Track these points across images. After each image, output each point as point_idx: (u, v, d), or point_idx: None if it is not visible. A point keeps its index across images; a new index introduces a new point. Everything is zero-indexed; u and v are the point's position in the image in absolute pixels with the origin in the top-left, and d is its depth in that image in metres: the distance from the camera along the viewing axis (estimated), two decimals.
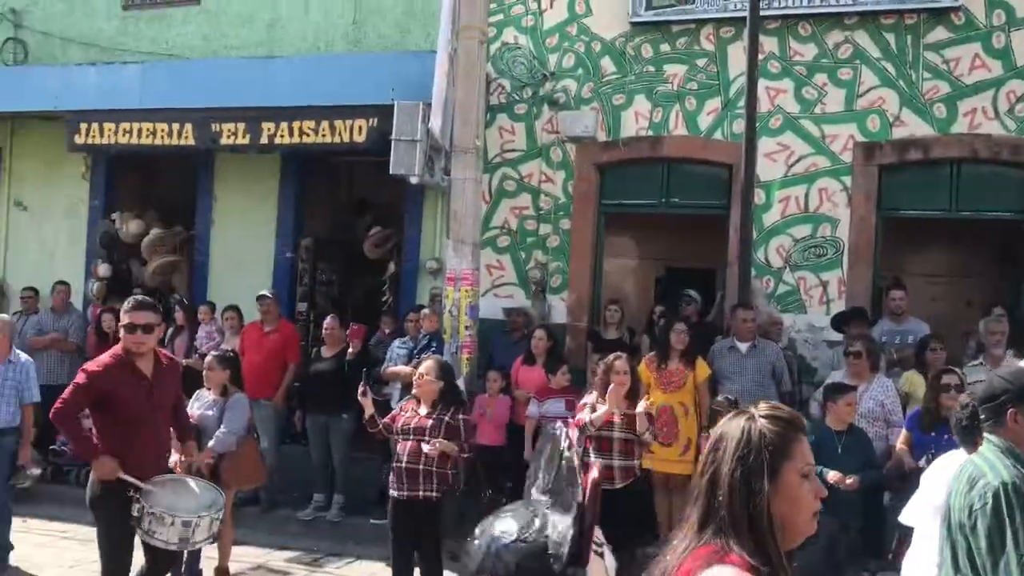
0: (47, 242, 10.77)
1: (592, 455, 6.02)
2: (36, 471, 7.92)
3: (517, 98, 8.99)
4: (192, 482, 5.00)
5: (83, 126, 9.50)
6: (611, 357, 6.15)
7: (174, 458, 5.26)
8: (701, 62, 8.46)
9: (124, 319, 4.83)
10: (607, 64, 8.76)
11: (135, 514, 4.63)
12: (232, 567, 6.43)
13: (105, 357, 4.86)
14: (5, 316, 7.66)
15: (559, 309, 8.84)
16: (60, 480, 8.73)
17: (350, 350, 8.02)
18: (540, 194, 8.93)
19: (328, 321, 8.36)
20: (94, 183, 10.61)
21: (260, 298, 8.55)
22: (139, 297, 5.05)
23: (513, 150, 9.01)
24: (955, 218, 8.14)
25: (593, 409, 6.05)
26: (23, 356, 6.91)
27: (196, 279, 10.27)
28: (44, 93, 9.69)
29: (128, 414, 4.73)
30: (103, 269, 10.32)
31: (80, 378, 4.76)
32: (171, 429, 5.16)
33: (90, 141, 9.54)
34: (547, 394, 7.40)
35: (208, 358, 6.45)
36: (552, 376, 7.46)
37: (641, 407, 5.99)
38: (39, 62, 10.47)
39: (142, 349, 4.80)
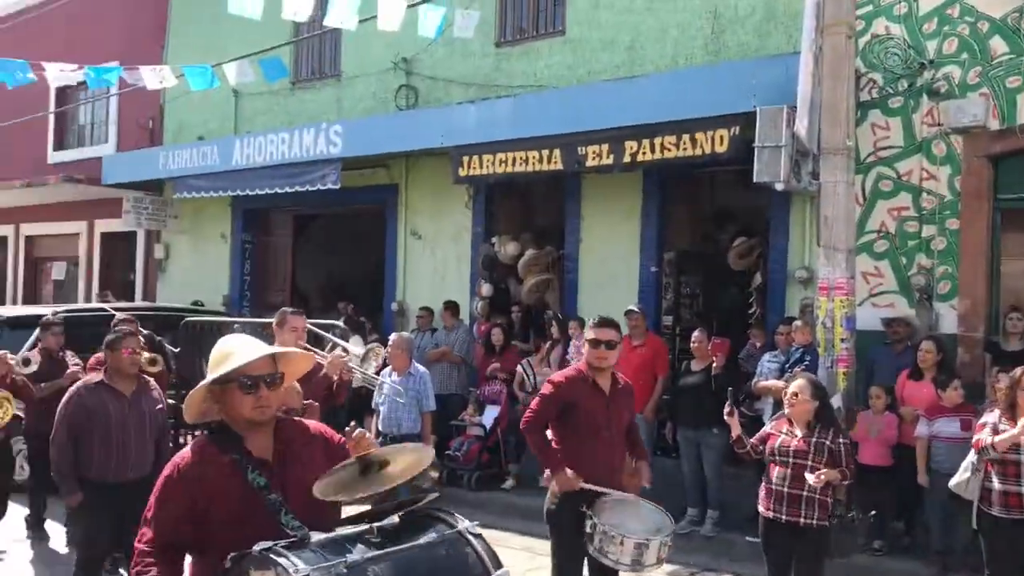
0: (438, 266, 11.87)
1: (995, 481, 5.39)
2: (434, 474, 8.73)
3: (891, 92, 8.37)
4: (643, 504, 4.89)
5: (465, 159, 10.35)
6: (1019, 371, 5.47)
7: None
8: None
9: (589, 334, 4.96)
10: (997, 44, 7.87)
11: (587, 530, 4.62)
12: None
13: (569, 370, 5.09)
14: (405, 334, 8.57)
15: (948, 318, 8.05)
16: (455, 483, 9.52)
17: (714, 364, 7.92)
18: (922, 192, 8.22)
19: (696, 334, 8.33)
20: (475, 211, 11.51)
21: (628, 312, 8.74)
22: (604, 316, 5.07)
23: (888, 147, 8.39)
24: None
25: (995, 430, 5.42)
26: (421, 368, 7.67)
27: (567, 295, 10.74)
28: (431, 132, 10.69)
29: (586, 427, 4.82)
30: (485, 289, 11.17)
31: (546, 389, 4.96)
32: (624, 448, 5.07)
33: (471, 173, 10.37)
34: (938, 412, 6.79)
35: None
36: (943, 392, 6.83)
37: None
38: (427, 104, 11.60)
39: (604, 364, 4.88)
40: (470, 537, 2.75)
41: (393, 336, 8.21)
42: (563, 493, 4.82)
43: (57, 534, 7.68)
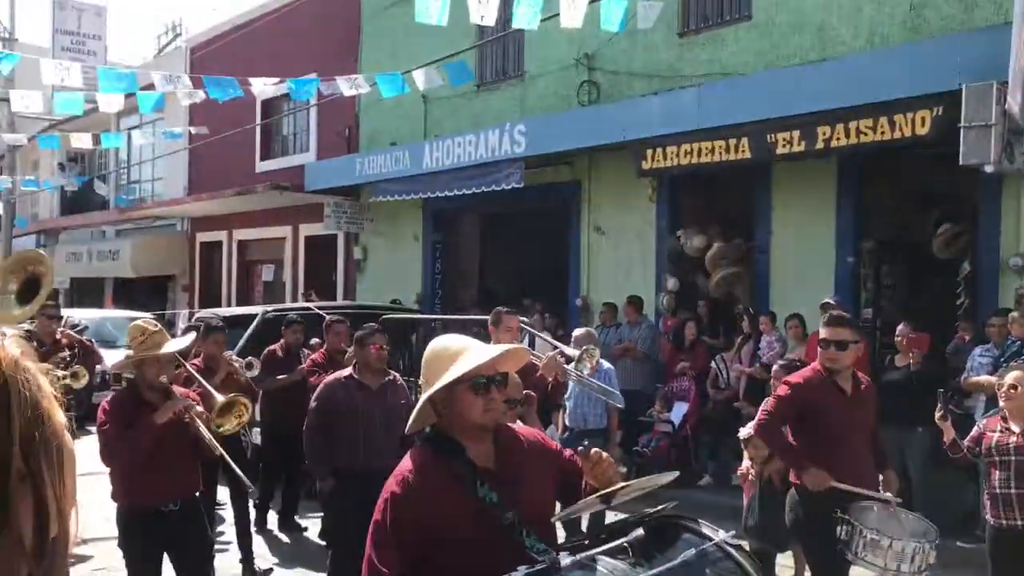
0: (622, 261, 11.84)
1: None
2: (623, 469, 8.73)
3: None
4: (902, 512, 4.61)
5: (648, 152, 10.26)
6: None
7: None
8: None
9: (821, 333, 4.84)
10: None
11: (842, 537, 4.41)
12: None
13: (806, 370, 4.94)
14: (590, 329, 8.60)
15: None
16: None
17: (912, 360, 7.48)
18: None
19: (900, 328, 7.90)
20: (660, 204, 11.40)
21: (823, 306, 8.38)
22: (836, 312, 4.90)
23: None
24: None
25: None
26: (606, 364, 7.66)
27: (758, 289, 10.45)
28: (614, 126, 10.67)
29: (827, 430, 4.65)
30: (671, 283, 11.03)
31: (782, 390, 4.83)
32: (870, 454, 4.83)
33: (655, 166, 10.27)
34: None
35: (775, 368, 6.52)
36: None
37: None
38: (609, 99, 11.59)
39: (835, 365, 4.72)
40: (731, 550, 2.49)
41: (577, 331, 8.25)
42: (811, 496, 4.61)
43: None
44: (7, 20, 24.06)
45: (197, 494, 4.90)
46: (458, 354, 2.58)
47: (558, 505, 2.75)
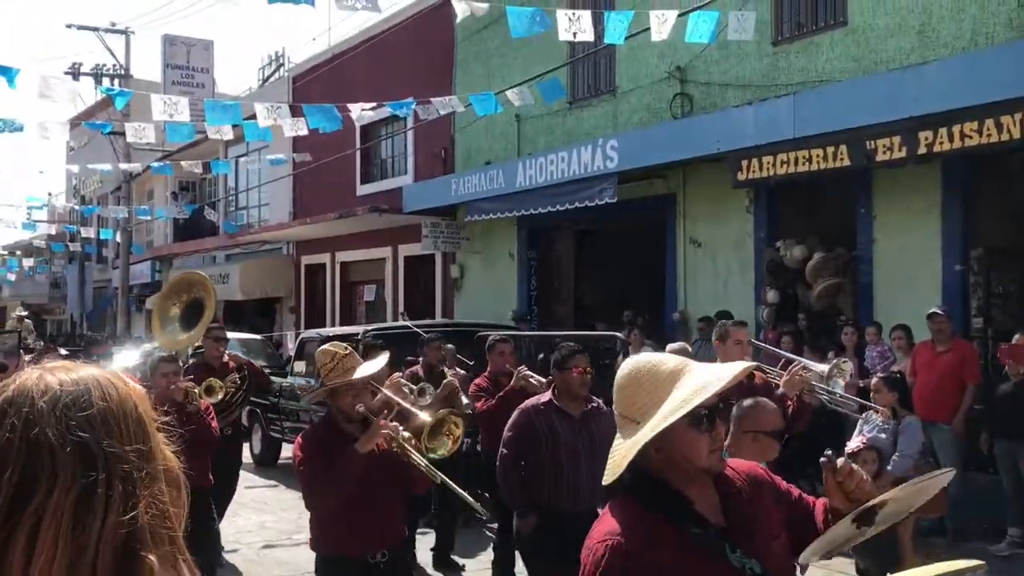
0: (719, 273, 11.69)
1: None
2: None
3: None
4: None
5: (744, 163, 10.13)
6: None
7: None
8: None
9: None
10: None
11: None
12: None
13: None
14: (684, 344, 8.51)
15: None
16: None
17: (1009, 372, 7.16)
18: None
19: (1018, 337, 7.58)
20: (757, 215, 11.22)
21: (931, 316, 8.12)
22: None
23: None
24: None
25: None
26: None
27: (861, 300, 10.17)
28: (708, 138, 10.56)
29: None
30: (771, 295, 10.83)
31: None
32: None
33: (751, 176, 10.12)
34: None
35: (875, 380, 6.35)
36: None
37: None
38: (702, 111, 11.49)
39: None
40: None
41: (671, 346, 8.17)
42: None
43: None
44: (122, 58, 25.38)
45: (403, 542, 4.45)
46: (677, 375, 1.97)
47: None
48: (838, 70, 10.08)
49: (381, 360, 4.48)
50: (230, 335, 17.15)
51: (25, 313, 20.15)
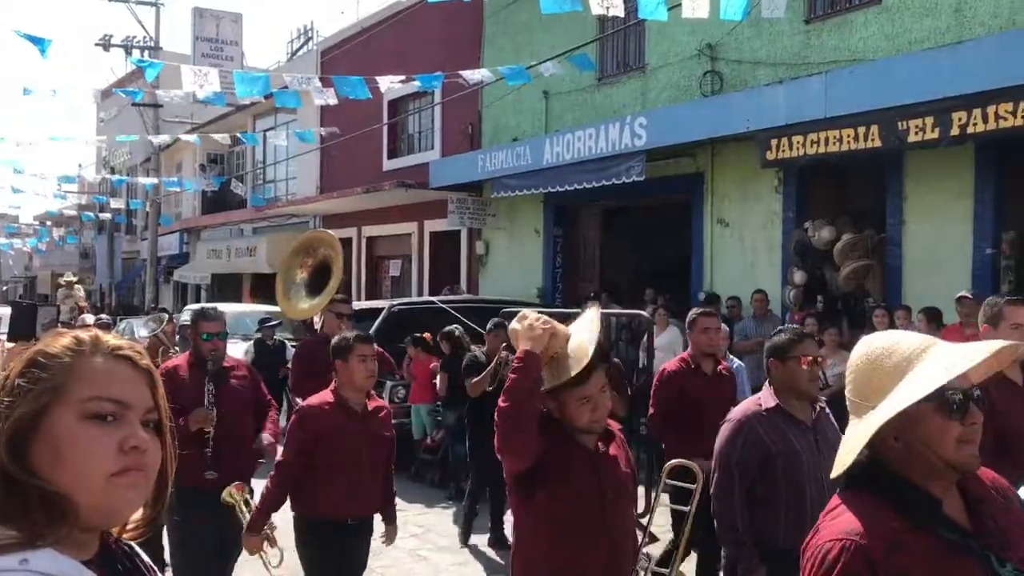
0: (747, 253, 11.63)
1: None
2: None
3: None
4: None
5: (773, 142, 10.04)
6: None
7: None
8: None
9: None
10: None
11: None
12: None
13: None
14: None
15: None
16: None
17: None
18: None
19: None
20: (786, 195, 11.13)
21: (959, 299, 8.05)
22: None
23: None
24: None
25: None
26: (736, 360, 7.55)
27: (889, 282, 10.09)
28: (737, 116, 10.48)
29: None
30: (798, 276, 10.76)
31: None
32: None
33: (780, 156, 10.04)
34: None
35: None
36: None
37: None
38: (732, 89, 11.39)
39: None
40: None
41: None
42: None
43: None
44: (152, 30, 25.50)
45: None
46: (918, 355, 1.74)
47: None
48: (871, 49, 9.95)
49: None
50: (256, 308, 17.14)
51: (75, 278, 19.50)
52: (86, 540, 1.25)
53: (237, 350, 9.57)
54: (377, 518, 4.61)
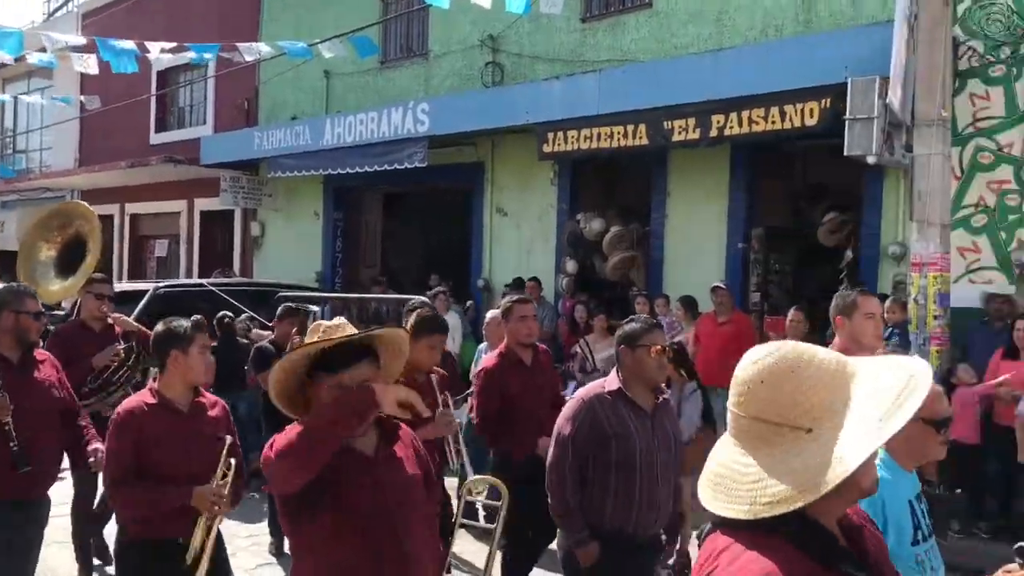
0: (524, 242, 11.94)
1: None
2: None
3: (992, 60, 8.04)
4: None
5: (550, 135, 10.35)
6: None
7: None
8: None
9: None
10: None
11: None
12: None
13: None
14: (496, 312, 8.62)
15: None
16: None
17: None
18: None
19: (792, 313, 8.19)
20: (561, 187, 11.52)
21: (714, 289, 8.66)
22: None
23: (989, 118, 8.07)
24: None
25: None
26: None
27: (652, 272, 10.69)
28: (517, 109, 10.70)
29: None
30: (571, 265, 11.18)
31: None
32: None
33: (556, 149, 10.37)
34: None
35: None
36: None
37: None
38: (512, 81, 11.63)
39: None
40: None
41: (491, 313, 8.25)
42: None
43: None
44: None
45: None
46: (850, 369, 1.57)
47: None
48: (642, 50, 10.46)
49: None
50: None
51: None
52: None
53: None
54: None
